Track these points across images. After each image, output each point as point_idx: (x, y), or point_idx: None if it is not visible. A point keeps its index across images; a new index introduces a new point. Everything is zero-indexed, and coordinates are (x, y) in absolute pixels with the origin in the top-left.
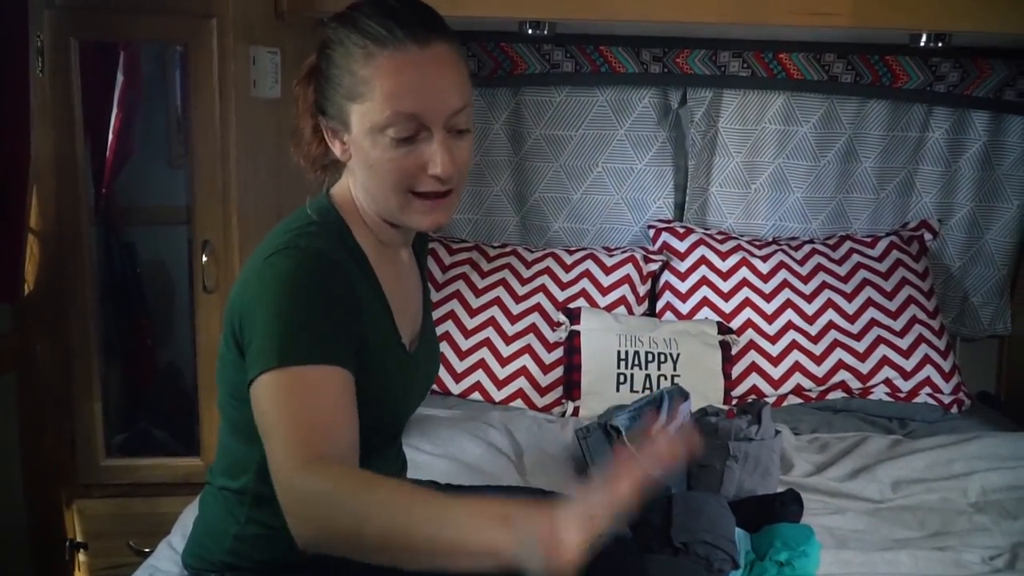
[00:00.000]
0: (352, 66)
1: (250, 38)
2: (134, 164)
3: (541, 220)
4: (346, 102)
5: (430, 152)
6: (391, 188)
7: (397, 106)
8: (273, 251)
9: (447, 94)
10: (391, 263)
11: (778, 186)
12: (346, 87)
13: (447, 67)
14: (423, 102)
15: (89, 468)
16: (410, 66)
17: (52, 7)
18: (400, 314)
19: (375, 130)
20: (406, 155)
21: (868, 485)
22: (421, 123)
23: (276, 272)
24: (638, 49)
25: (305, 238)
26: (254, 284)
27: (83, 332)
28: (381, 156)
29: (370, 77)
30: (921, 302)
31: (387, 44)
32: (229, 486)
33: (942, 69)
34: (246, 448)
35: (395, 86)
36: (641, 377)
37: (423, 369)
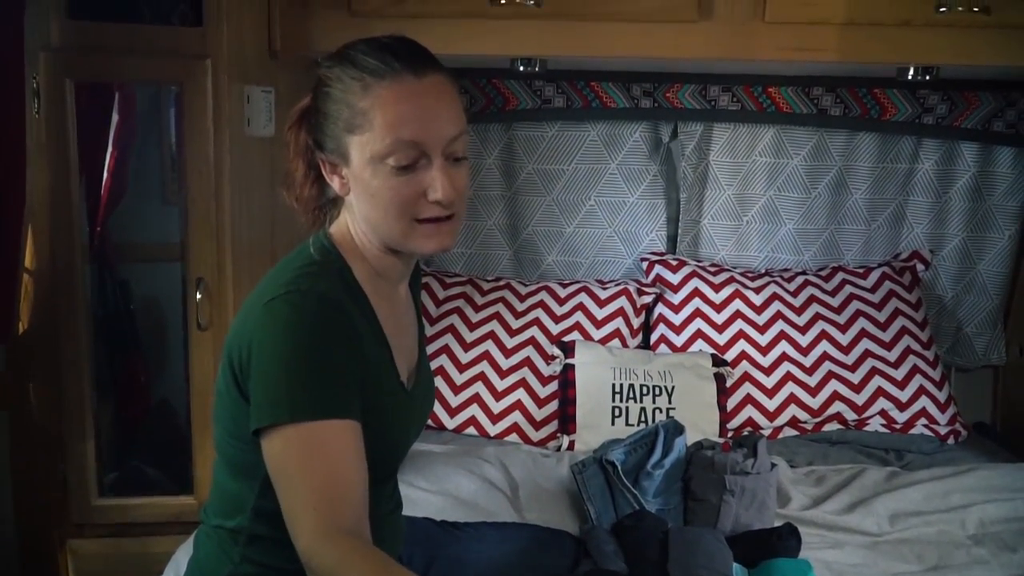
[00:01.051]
0: (350, 99)
1: (244, 77)
2: (128, 202)
3: (534, 254)
4: (345, 135)
5: (430, 178)
6: (395, 216)
7: (398, 134)
8: (274, 295)
9: (445, 122)
10: (389, 300)
11: (770, 218)
12: (345, 120)
13: (444, 96)
14: (423, 129)
15: (82, 508)
16: (408, 95)
17: (48, 49)
18: (398, 351)
19: (376, 159)
20: (407, 183)
21: (865, 518)
22: (421, 150)
23: (279, 318)
24: (628, 84)
25: (306, 279)
26: (257, 329)
27: (76, 371)
28: (382, 185)
29: (369, 108)
30: (915, 333)
31: (384, 75)
32: (224, 525)
33: (930, 101)
34: (243, 486)
35: (395, 115)
36: (636, 410)
37: (420, 405)
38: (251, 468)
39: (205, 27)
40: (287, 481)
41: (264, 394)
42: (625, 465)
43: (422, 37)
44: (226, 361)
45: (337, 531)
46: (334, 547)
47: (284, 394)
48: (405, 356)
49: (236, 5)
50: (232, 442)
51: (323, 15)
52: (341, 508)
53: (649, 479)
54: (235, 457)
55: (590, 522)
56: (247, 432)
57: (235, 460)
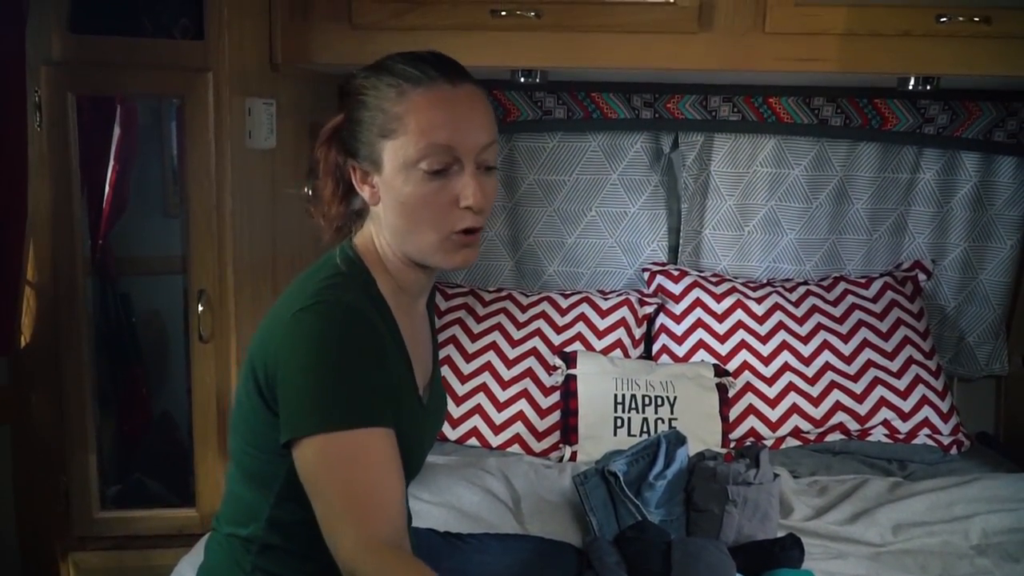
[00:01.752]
0: (385, 104)
1: (245, 90)
2: (130, 214)
3: (536, 264)
4: (379, 140)
5: (462, 184)
6: (426, 225)
7: (432, 138)
8: (301, 306)
9: (478, 128)
10: (409, 314)
11: (771, 228)
12: (379, 125)
13: (477, 104)
14: (456, 134)
15: (84, 520)
16: (443, 101)
17: (50, 63)
18: (416, 365)
19: (408, 164)
20: (439, 190)
21: (868, 529)
22: (454, 156)
23: (308, 329)
24: (629, 95)
25: (333, 291)
26: (285, 340)
27: (78, 384)
28: (414, 191)
29: (403, 113)
30: (917, 343)
31: (420, 82)
32: (236, 533)
33: (931, 111)
34: (258, 496)
35: (429, 119)
36: (638, 421)
37: (433, 419)
38: (268, 479)
39: (206, 40)
40: (324, 492)
41: (296, 405)
42: (627, 476)
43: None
44: (248, 372)
45: (379, 542)
46: (378, 559)
47: (317, 404)
48: (422, 370)
49: (237, 18)
50: (250, 452)
51: (324, 27)
52: (381, 518)
53: (651, 490)
54: (252, 467)
55: (592, 533)
56: (266, 443)
57: (252, 470)
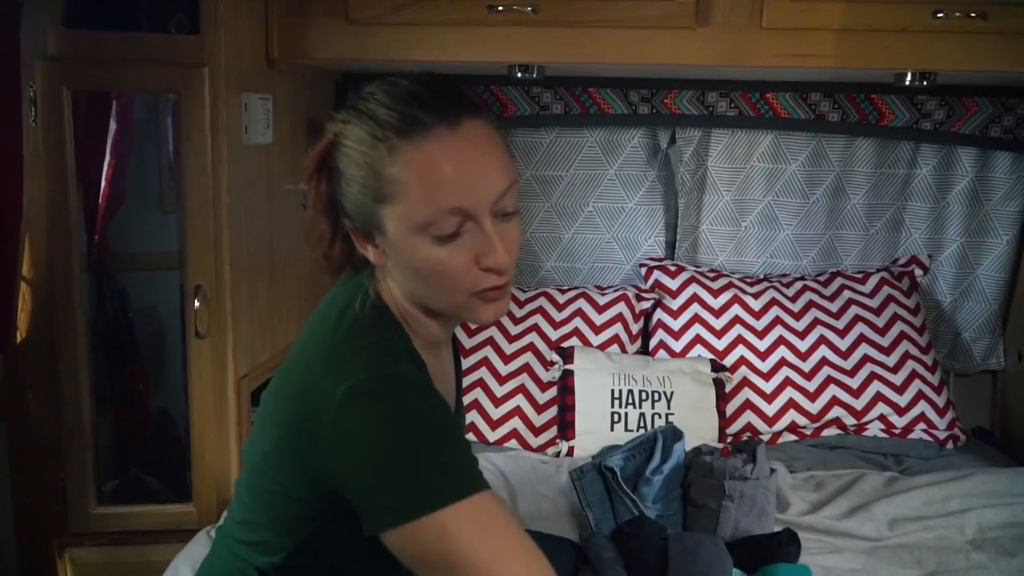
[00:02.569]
0: (376, 165)
1: (241, 85)
2: (126, 210)
3: (533, 260)
4: (376, 204)
5: (481, 243)
6: (446, 291)
7: (438, 203)
8: (353, 381)
9: (491, 178)
10: (437, 362)
11: (768, 223)
12: (372, 188)
13: (485, 146)
14: (466, 193)
15: (80, 516)
16: (445, 155)
17: (45, 58)
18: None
19: (414, 231)
20: (453, 252)
21: (865, 523)
22: (467, 214)
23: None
24: (626, 90)
25: (382, 361)
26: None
27: (74, 380)
28: (426, 257)
29: (400, 175)
30: (913, 338)
31: (412, 134)
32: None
33: (928, 107)
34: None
35: (433, 181)
36: (635, 416)
37: None
38: (294, 529)
39: (202, 36)
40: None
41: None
42: (624, 471)
43: (420, 44)
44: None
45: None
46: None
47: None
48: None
49: (233, 13)
50: (279, 502)
51: (320, 23)
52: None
53: (648, 485)
54: (277, 515)
55: (589, 529)
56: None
57: (276, 516)
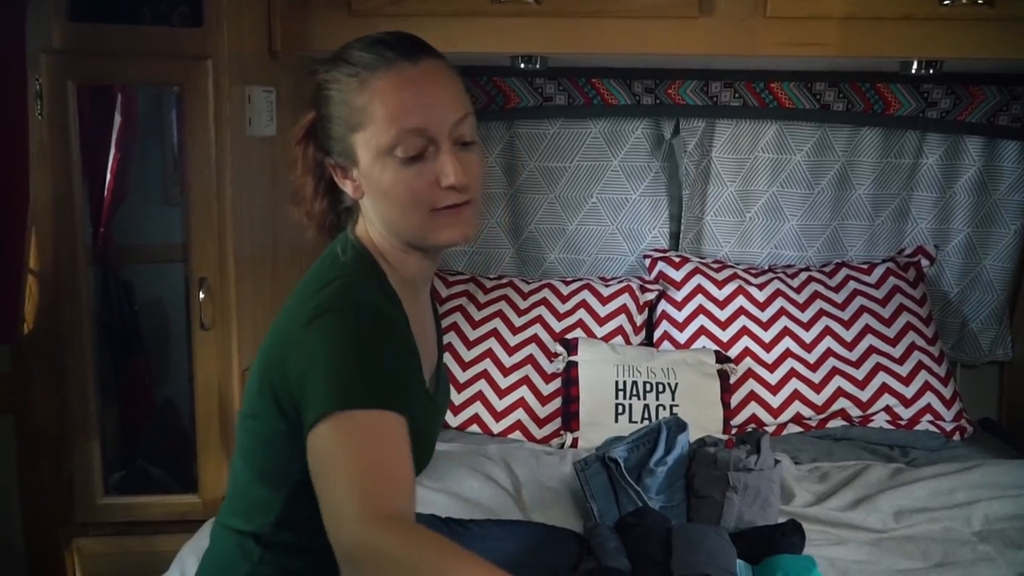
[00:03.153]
0: (348, 97)
1: (245, 78)
2: (131, 202)
3: (537, 251)
4: (349, 134)
5: (440, 165)
6: (411, 209)
7: (400, 123)
8: (322, 310)
9: (447, 104)
10: (415, 305)
11: (773, 214)
12: (346, 119)
13: (442, 79)
14: (425, 115)
15: (87, 507)
16: (405, 82)
17: (50, 51)
18: (424, 357)
19: (382, 153)
20: (417, 173)
21: (870, 515)
22: (428, 137)
23: (330, 329)
24: (630, 81)
25: (351, 292)
26: (306, 346)
27: (80, 371)
28: (393, 179)
29: (368, 102)
30: (920, 328)
31: (379, 67)
32: (244, 528)
33: (934, 96)
34: (270, 493)
35: (395, 104)
36: (640, 407)
37: (441, 409)
38: (281, 477)
39: (205, 28)
40: (331, 471)
41: (313, 392)
42: (628, 463)
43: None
44: (263, 376)
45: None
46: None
47: (335, 386)
48: (428, 362)
49: (236, 6)
50: (263, 451)
51: (323, 15)
52: (390, 493)
53: (652, 476)
54: (264, 466)
55: (593, 519)
56: (281, 444)
57: (264, 469)
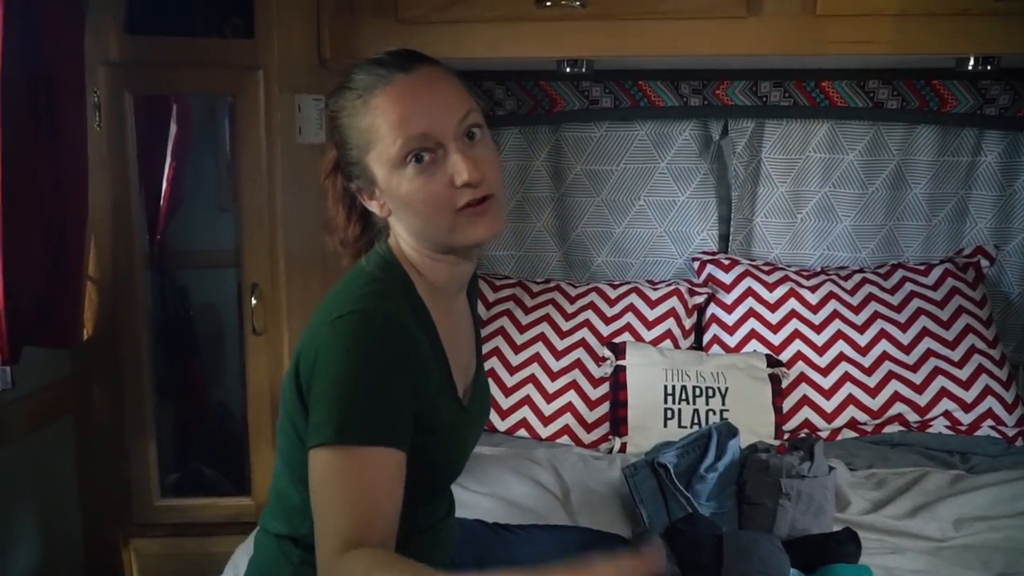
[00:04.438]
0: (355, 121)
1: (295, 86)
2: (185, 209)
3: (584, 255)
4: (363, 156)
5: (451, 165)
6: (434, 214)
7: (404, 132)
8: (340, 313)
9: (446, 105)
10: (447, 314)
11: (825, 215)
12: (358, 143)
13: (439, 82)
14: (426, 119)
15: (143, 508)
16: (402, 93)
17: (108, 64)
18: (455, 367)
19: (394, 166)
20: (431, 178)
21: (928, 523)
22: (434, 140)
23: (342, 338)
24: (677, 82)
25: (373, 299)
26: (321, 349)
27: (137, 375)
28: (410, 188)
29: (372, 121)
30: (979, 331)
31: (376, 85)
32: (284, 532)
33: (992, 92)
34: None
35: (396, 116)
36: (689, 412)
37: (476, 419)
38: None
39: (256, 38)
40: (322, 497)
41: (318, 414)
42: (677, 468)
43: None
44: (292, 375)
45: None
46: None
47: (334, 415)
48: (462, 370)
49: (286, 15)
50: (296, 454)
51: (370, 23)
52: (370, 532)
53: (702, 482)
54: (299, 469)
55: (642, 526)
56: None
57: (299, 472)
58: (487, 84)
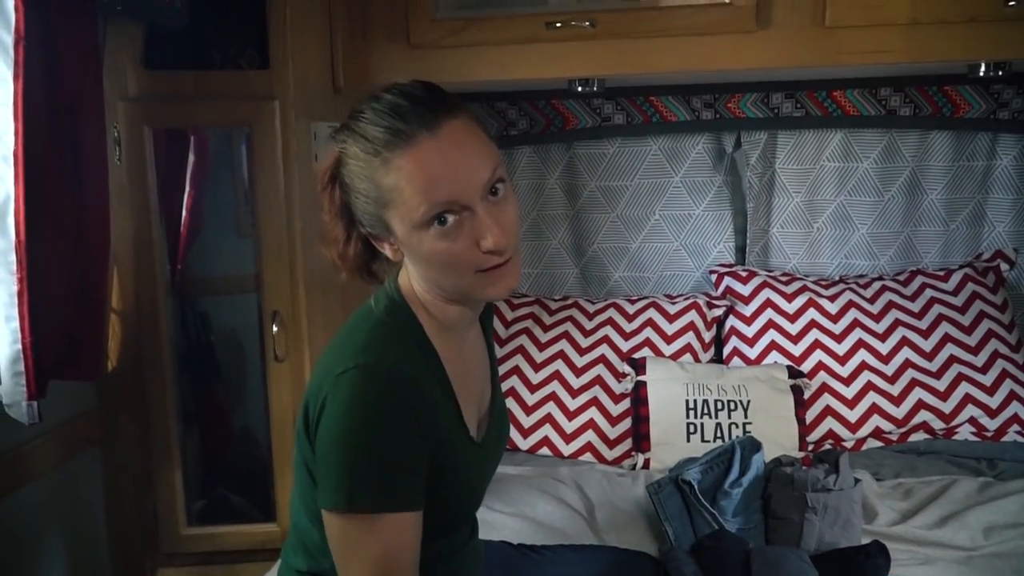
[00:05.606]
0: (374, 176)
1: (310, 114)
2: (205, 235)
3: (601, 270)
4: (380, 211)
5: (478, 227)
6: (455, 274)
7: (431, 198)
8: (344, 368)
9: (475, 168)
10: (458, 349)
11: (841, 224)
12: (375, 198)
13: (465, 142)
14: (454, 186)
15: (171, 537)
16: (429, 157)
17: (127, 99)
18: (467, 403)
19: (417, 228)
20: (456, 240)
21: (958, 532)
22: (461, 205)
23: (345, 397)
24: (688, 97)
25: (375, 350)
26: (327, 402)
27: (161, 404)
28: (433, 248)
29: (395, 182)
30: (1002, 335)
31: (399, 144)
32: (304, 568)
33: (1005, 96)
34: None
35: (422, 182)
36: (712, 426)
37: (492, 453)
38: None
39: (272, 69)
40: (342, 561)
41: (326, 476)
42: (702, 484)
43: (480, 64)
44: (303, 416)
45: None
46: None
47: (344, 482)
48: (475, 403)
49: (300, 46)
50: (310, 492)
51: (383, 49)
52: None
53: (727, 498)
54: (314, 506)
55: (669, 543)
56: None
57: (315, 509)
58: (500, 105)
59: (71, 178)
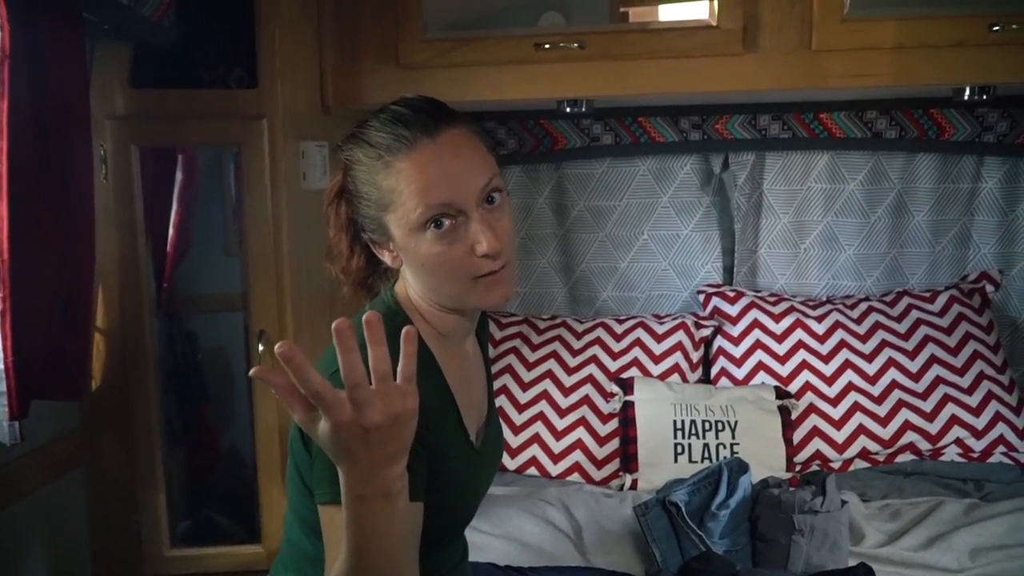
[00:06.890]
0: (375, 179)
1: (299, 134)
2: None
3: (589, 290)
4: (380, 213)
5: (472, 234)
6: (450, 279)
7: (428, 200)
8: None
9: (471, 174)
10: (456, 357)
11: (828, 244)
12: (376, 200)
13: (463, 148)
14: (450, 188)
15: (154, 559)
16: (428, 161)
17: (114, 118)
18: (466, 410)
19: (415, 230)
20: (451, 245)
21: (945, 554)
22: (456, 209)
23: None
24: (677, 118)
25: None
26: None
27: (147, 422)
28: (429, 252)
29: (395, 184)
30: (988, 357)
31: (400, 148)
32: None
33: (989, 119)
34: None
35: (420, 184)
36: (699, 446)
37: (489, 461)
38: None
39: (260, 88)
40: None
41: (322, 470)
42: (689, 506)
43: (470, 85)
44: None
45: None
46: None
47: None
48: (474, 413)
49: (289, 65)
50: (304, 502)
51: (372, 69)
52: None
53: (715, 520)
54: (310, 518)
55: (656, 565)
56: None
57: (310, 521)
58: (489, 124)
59: (57, 196)
